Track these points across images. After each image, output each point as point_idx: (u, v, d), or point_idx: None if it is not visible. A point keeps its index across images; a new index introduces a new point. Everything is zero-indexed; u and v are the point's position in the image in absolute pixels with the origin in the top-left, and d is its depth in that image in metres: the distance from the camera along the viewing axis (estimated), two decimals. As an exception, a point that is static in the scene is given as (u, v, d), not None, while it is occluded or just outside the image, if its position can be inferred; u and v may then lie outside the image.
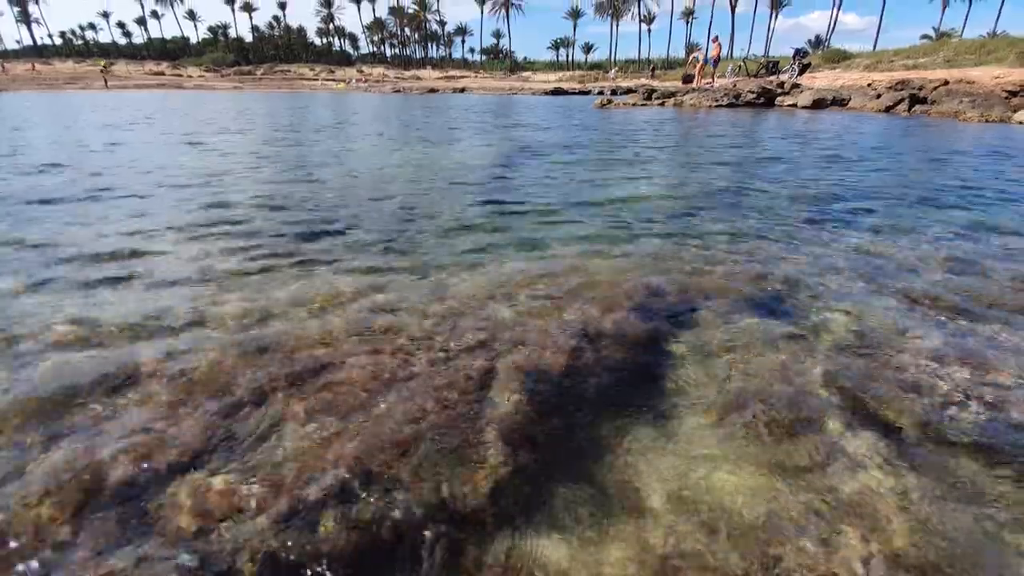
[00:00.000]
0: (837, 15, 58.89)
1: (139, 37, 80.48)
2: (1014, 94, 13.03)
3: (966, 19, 54.29)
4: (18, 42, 79.42)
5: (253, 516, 1.13)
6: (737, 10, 60.31)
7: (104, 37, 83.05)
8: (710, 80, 19.88)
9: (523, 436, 1.41)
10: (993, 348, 1.87)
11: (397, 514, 1.14)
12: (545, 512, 1.17)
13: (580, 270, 2.56)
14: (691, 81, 20.44)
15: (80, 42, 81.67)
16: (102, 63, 47.35)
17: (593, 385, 1.65)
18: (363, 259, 2.68)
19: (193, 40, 79.97)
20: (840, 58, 26.76)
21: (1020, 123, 11.68)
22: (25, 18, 73.96)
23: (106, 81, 36.84)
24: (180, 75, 50.32)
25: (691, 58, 22.58)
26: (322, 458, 1.30)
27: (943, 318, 2.10)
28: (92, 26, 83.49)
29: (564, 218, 3.54)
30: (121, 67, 55.42)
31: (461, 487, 1.22)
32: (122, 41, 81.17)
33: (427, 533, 1.10)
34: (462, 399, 1.54)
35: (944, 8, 55.60)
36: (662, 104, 18.12)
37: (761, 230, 3.30)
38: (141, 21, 78.86)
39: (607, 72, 47.58)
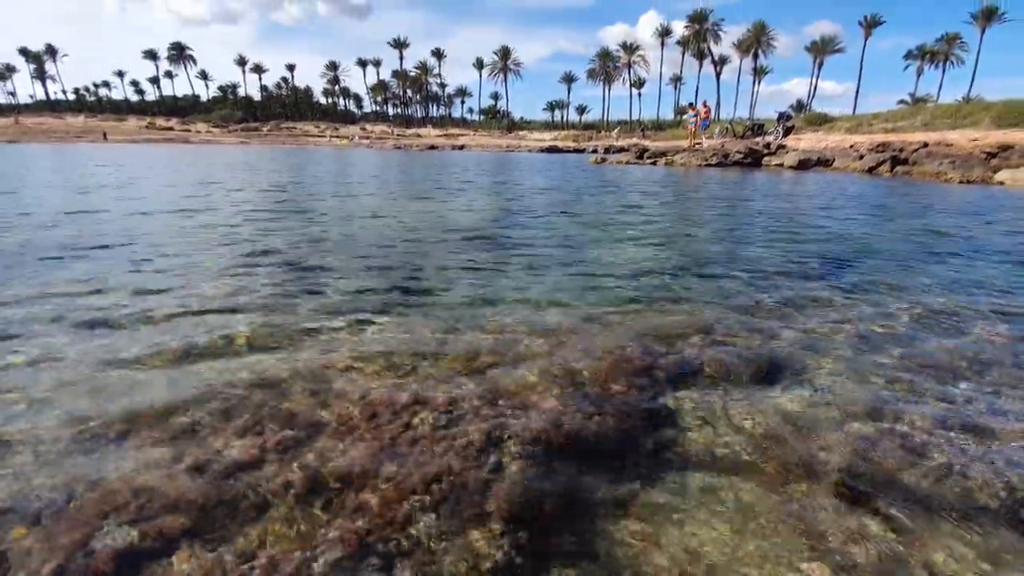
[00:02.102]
0: (817, 82, 62.45)
1: (152, 95, 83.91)
2: (993, 155, 13.54)
3: (940, 85, 57.66)
4: (31, 96, 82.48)
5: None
6: (722, 77, 63.99)
7: (117, 94, 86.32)
8: (699, 141, 20.67)
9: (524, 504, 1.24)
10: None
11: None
12: None
13: (577, 330, 2.44)
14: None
15: (93, 99, 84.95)
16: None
17: (594, 448, 1.49)
18: (353, 314, 2.56)
19: (203, 98, 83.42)
20: (822, 121, 28.04)
21: (1001, 183, 12.05)
22: (40, 74, 77.19)
23: (105, 135, 38.75)
24: (188, 130, 52.02)
25: (687, 118, 23.27)
26: (321, 535, 1.12)
27: (936, 383, 1.97)
28: (106, 84, 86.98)
29: (557, 274, 3.46)
30: (131, 122, 57.38)
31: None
32: (134, 98, 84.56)
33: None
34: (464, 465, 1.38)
35: (919, 75, 59.22)
36: (654, 163, 18.72)
37: (760, 291, 3.22)
38: (155, 80, 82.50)
39: (609, 132, 49.55)
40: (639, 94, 73.01)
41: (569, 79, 79.71)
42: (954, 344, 2.40)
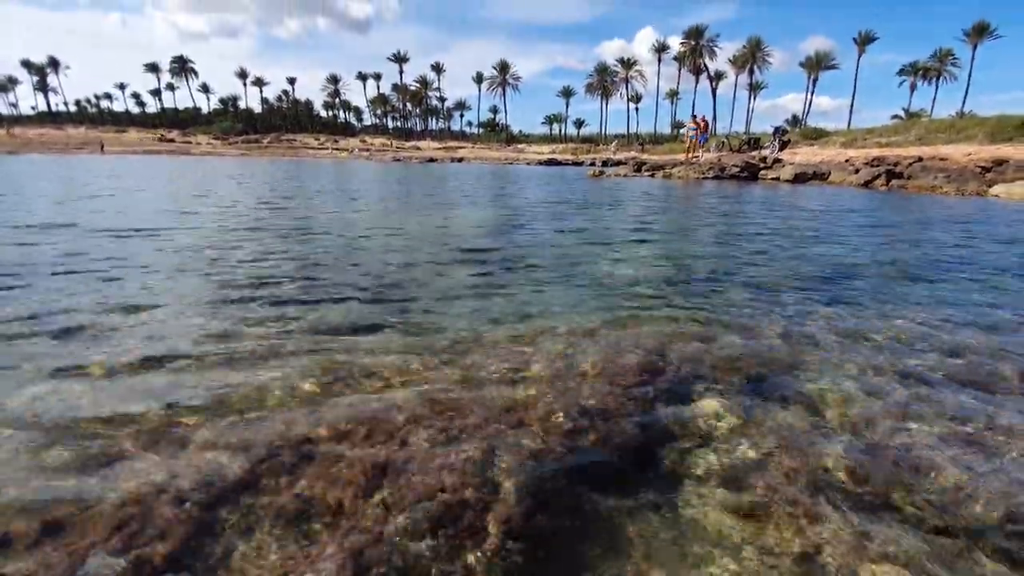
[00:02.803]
0: (812, 97, 63.24)
1: (153, 107, 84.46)
2: (987, 170, 13.66)
3: (934, 101, 58.23)
4: (33, 108, 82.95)
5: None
6: (718, 92, 64.69)
7: (119, 106, 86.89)
8: (697, 154, 20.84)
9: (522, 523, 1.20)
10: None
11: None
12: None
13: (575, 343, 2.41)
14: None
15: (94, 110, 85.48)
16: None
17: (594, 467, 1.46)
18: (350, 328, 2.53)
19: (204, 111, 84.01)
20: (817, 135, 28.34)
21: (996, 196, 12.15)
22: (42, 86, 77.73)
23: (102, 146, 39.24)
24: (189, 142, 52.34)
25: (686, 131, 23.41)
26: (316, 558, 1.09)
27: (945, 391, 1.95)
28: (108, 96, 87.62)
29: (559, 289, 3.44)
30: (132, 134, 57.71)
31: None
32: (136, 110, 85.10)
33: None
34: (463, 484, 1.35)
35: (912, 91, 59.99)
36: (652, 175, 18.85)
37: (760, 306, 3.20)
38: (156, 93, 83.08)
39: (607, 145, 49.99)
40: (636, 108, 73.75)
41: (567, 93, 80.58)
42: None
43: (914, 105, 60.97)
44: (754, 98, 65.29)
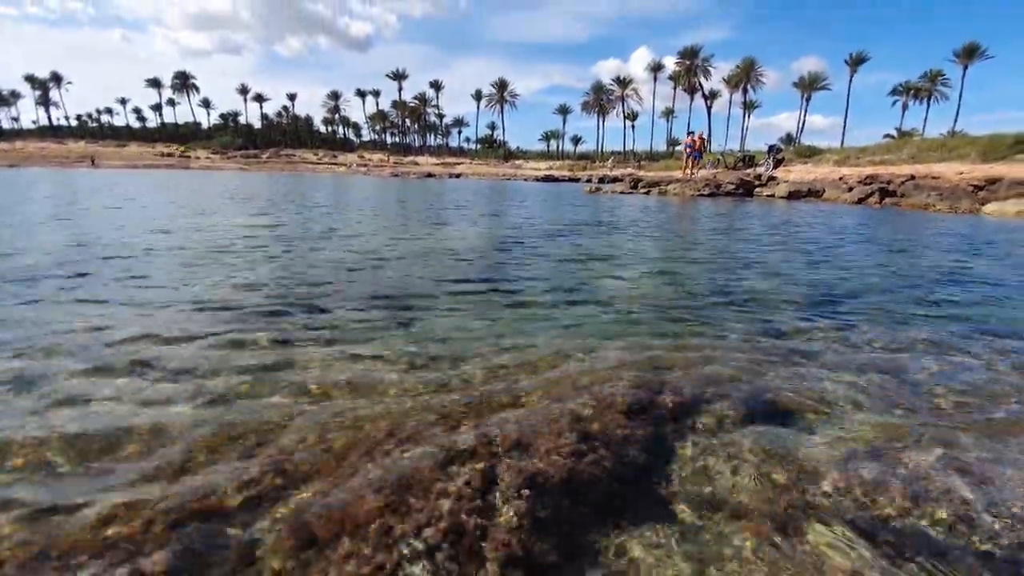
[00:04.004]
0: (805, 116, 64.21)
1: (153, 122, 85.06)
2: (980, 188, 13.82)
3: (925, 120, 59.50)
4: (34, 122, 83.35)
5: None
6: (712, 110, 65.67)
7: (119, 121, 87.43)
8: (692, 171, 21.05)
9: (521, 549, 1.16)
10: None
11: None
12: None
13: (574, 364, 2.39)
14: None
15: (95, 124, 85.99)
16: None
17: (593, 490, 1.42)
18: (346, 343, 2.50)
19: (205, 125, 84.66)
20: (811, 153, 28.71)
21: (989, 214, 12.27)
22: (44, 101, 78.33)
23: (93, 160, 39.57)
24: (188, 156, 52.59)
25: (684, 147, 23.47)
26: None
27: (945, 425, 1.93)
28: (109, 110, 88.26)
29: (557, 309, 3.43)
30: (132, 148, 57.99)
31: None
32: (136, 125, 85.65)
33: None
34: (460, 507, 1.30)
35: (904, 110, 61.13)
36: (648, 192, 18.99)
37: (759, 326, 3.19)
38: (157, 108, 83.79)
39: (604, 161, 50.50)
40: (632, 126, 74.63)
41: (564, 111, 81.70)
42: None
43: (906, 124, 62.11)
44: (748, 116, 66.35)
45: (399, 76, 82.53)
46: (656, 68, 69.36)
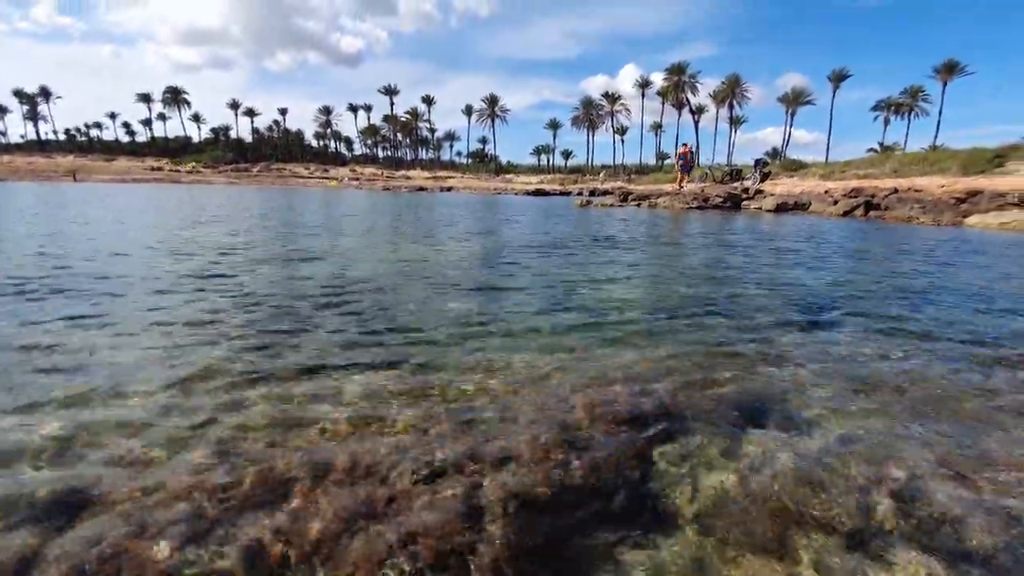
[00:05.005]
0: (790, 131, 65.46)
1: (143, 136, 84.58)
2: (962, 200, 14.13)
3: (907, 135, 60.68)
4: (22, 136, 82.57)
5: None
6: (700, 125, 66.74)
7: (108, 135, 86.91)
8: (681, 185, 21.32)
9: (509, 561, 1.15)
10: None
11: None
12: None
13: (562, 374, 2.39)
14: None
15: (84, 139, 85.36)
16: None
17: (581, 501, 1.42)
18: (339, 359, 2.48)
19: (196, 140, 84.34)
20: (797, 167, 29.23)
21: (972, 226, 12.53)
22: (33, 115, 77.73)
23: (74, 175, 39.72)
24: (178, 170, 52.35)
25: (676, 159, 23.73)
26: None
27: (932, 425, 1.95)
28: (98, 125, 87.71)
29: (548, 319, 3.43)
30: (122, 162, 57.63)
31: None
32: (126, 139, 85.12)
33: None
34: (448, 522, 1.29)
35: (886, 125, 62.56)
36: (638, 205, 19.18)
37: (750, 335, 3.21)
38: (147, 122, 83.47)
39: (595, 175, 51.03)
40: (622, 140, 75.57)
41: (554, 125, 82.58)
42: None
43: (888, 139, 63.52)
44: (735, 131, 67.46)
45: (391, 91, 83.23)
46: (644, 84, 70.53)
